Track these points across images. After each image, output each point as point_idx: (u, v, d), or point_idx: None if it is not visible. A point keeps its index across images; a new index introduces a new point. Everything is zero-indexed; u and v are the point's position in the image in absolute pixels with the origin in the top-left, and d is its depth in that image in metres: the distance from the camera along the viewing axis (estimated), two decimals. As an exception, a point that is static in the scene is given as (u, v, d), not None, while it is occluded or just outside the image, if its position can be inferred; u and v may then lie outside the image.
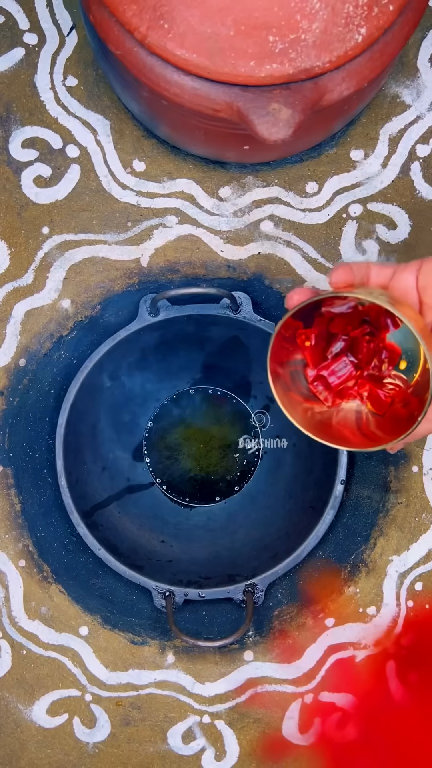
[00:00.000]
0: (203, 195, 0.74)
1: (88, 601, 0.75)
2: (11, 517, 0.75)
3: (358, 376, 0.53)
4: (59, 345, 0.75)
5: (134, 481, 0.82)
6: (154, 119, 0.68)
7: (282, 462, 0.81)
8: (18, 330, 0.74)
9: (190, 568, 0.77)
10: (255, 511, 0.81)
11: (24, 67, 0.74)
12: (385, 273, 0.51)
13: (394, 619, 0.74)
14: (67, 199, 0.74)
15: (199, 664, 0.74)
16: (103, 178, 0.74)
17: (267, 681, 0.74)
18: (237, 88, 0.55)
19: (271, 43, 0.53)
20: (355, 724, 0.73)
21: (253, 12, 0.52)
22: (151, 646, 0.75)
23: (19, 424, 0.75)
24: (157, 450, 0.82)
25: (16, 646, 0.74)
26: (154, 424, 0.83)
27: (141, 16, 0.54)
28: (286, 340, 0.52)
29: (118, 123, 0.74)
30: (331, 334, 0.53)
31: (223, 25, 0.53)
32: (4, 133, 0.74)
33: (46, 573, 0.75)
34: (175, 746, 0.74)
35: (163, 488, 0.82)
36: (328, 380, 0.53)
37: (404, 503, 0.74)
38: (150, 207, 0.74)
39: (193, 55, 0.54)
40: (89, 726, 0.74)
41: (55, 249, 0.74)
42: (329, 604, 0.74)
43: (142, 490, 0.83)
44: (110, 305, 0.75)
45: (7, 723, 0.74)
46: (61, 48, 0.74)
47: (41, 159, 0.74)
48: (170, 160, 0.74)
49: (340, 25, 0.54)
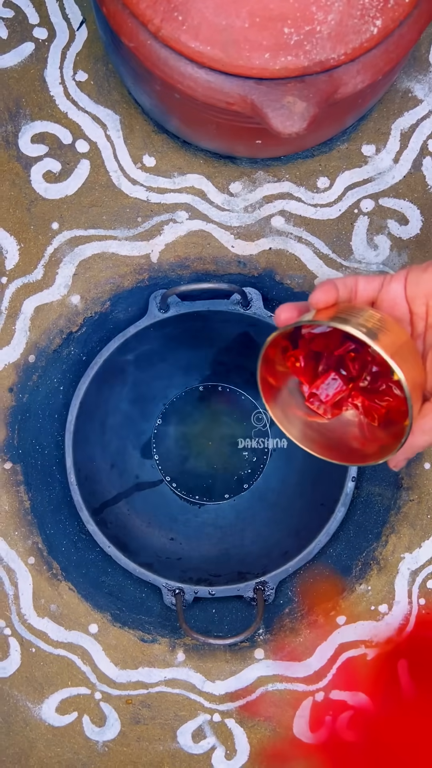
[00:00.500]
0: (214, 190, 0.74)
1: (98, 598, 0.74)
2: (20, 514, 0.74)
3: (351, 389, 0.53)
4: (69, 341, 0.74)
5: (143, 478, 0.82)
6: (165, 113, 0.67)
7: (292, 459, 0.81)
8: (27, 326, 0.74)
9: (200, 566, 0.77)
10: (265, 508, 0.80)
11: (34, 62, 0.73)
12: (373, 286, 0.51)
13: (406, 617, 0.73)
14: (76, 194, 0.74)
15: (209, 662, 0.74)
16: (113, 174, 0.74)
17: (277, 679, 0.74)
18: (251, 81, 0.55)
19: (286, 35, 0.53)
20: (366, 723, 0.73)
21: (268, 3, 0.52)
22: (161, 644, 0.74)
23: (28, 420, 0.74)
24: (166, 447, 0.82)
25: (25, 643, 0.74)
26: (162, 421, 0.82)
27: (155, 8, 0.54)
28: (276, 362, 0.52)
29: (128, 118, 0.73)
30: (318, 352, 0.53)
31: (237, 16, 0.52)
32: (14, 128, 0.73)
33: (56, 570, 0.74)
34: (185, 745, 0.74)
35: (172, 485, 0.82)
36: (320, 397, 0.53)
37: (416, 500, 0.74)
38: (160, 202, 0.74)
39: (207, 48, 0.54)
40: (99, 724, 0.74)
41: (64, 245, 0.73)
42: (340, 602, 0.74)
43: (151, 487, 0.82)
44: (120, 301, 0.74)
45: (17, 721, 0.74)
46: (71, 43, 0.73)
47: (51, 154, 0.73)
48: (181, 155, 0.73)
49: (355, 16, 0.53)
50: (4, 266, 0.73)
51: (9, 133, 0.73)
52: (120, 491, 0.80)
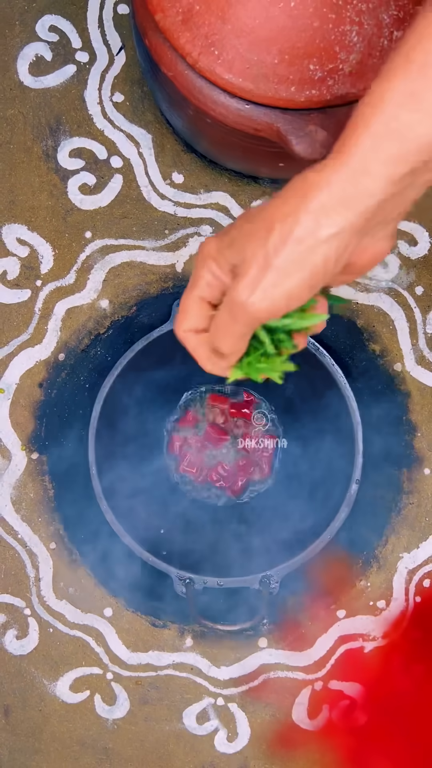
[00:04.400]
0: (237, 207, 0.79)
1: (113, 584, 0.79)
2: (44, 501, 0.79)
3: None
4: (96, 342, 0.80)
5: (159, 473, 0.87)
6: (196, 135, 0.73)
7: (299, 460, 0.85)
8: (59, 326, 0.79)
9: (210, 558, 0.81)
10: (272, 506, 0.85)
11: (75, 83, 0.79)
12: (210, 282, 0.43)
13: (402, 613, 0.78)
14: (109, 206, 0.79)
15: (215, 649, 0.78)
16: (144, 188, 0.79)
17: (279, 668, 0.78)
18: (278, 111, 0.61)
19: (311, 71, 0.58)
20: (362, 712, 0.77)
21: (296, 43, 0.57)
22: (170, 629, 0.79)
23: (55, 414, 0.80)
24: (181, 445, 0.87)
25: (43, 624, 0.78)
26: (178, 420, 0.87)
27: (194, 42, 0.59)
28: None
29: (160, 137, 0.79)
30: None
31: (268, 53, 0.58)
32: (54, 143, 0.79)
33: (75, 556, 0.79)
34: (190, 726, 0.78)
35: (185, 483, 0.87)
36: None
37: (416, 504, 0.78)
38: (186, 216, 0.79)
39: (240, 80, 0.60)
40: (109, 703, 0.79)
41: (96, 252, 0.79)
42: (341, 597, 0.78)
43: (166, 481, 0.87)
44: (145, 307, 0.80)
45: (32, 697, 0.79)
46: (110, 66, 0.79)
47: (87, 168, 0.79)
48: (207, 173, 0.79)
49: (375, 56, 0.59)
50: (39, 270, 0.79)
51: (49, 148, 0.79)
52: (137, 484, 0.85)
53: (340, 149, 0.39)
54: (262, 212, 0.40)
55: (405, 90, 0.37)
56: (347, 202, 0.38)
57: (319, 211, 0.38)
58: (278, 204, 0.40)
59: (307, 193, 0.38)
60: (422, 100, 0.37)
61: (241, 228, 0.41)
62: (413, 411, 0.79)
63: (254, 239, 0.40)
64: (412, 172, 0.38)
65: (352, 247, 0.40)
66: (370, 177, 0.38)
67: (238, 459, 0.84)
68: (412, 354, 0.79)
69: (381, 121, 0.37)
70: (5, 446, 0.79)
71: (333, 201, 0.38)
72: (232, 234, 0.41)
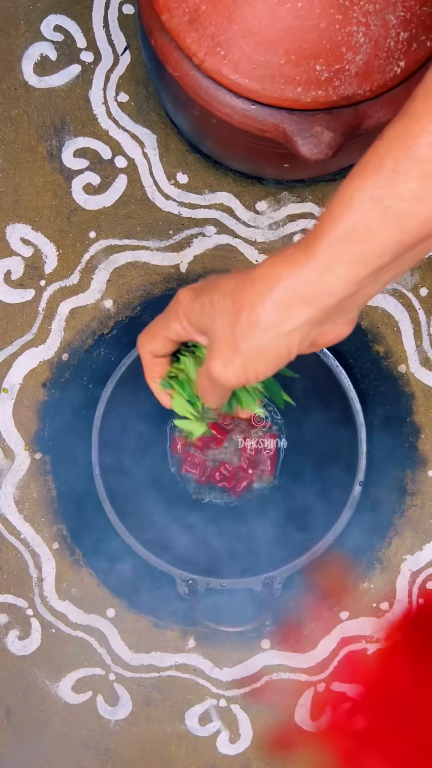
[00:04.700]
0: (241, 208, 0.79)
1: (116, 585, 0.79)
2: (47, 501, 0.79)
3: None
4: (100, 342, 0.80)
5: (161, 473, 0.87)
6: (201, 135, 0.73)
7: (302, 461, 0.85)
8: (62, 326, 0.79)
9: (213, 559, 0.81)
10: (275, 507, 0.85)
11: (79, 83, 0.79)
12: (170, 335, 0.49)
13: (405, 615, 0.78)
14: (113, 206, 0.79)
15: (218, 650, 0.78)
16: (148, 188, 0.79)
17: (281, 669, 0.78)
18: (284, 111, 0.60)
19: (317, 71, 0.58)
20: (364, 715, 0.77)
21: (303, 43, 0.57)
22: (173, 630, 0.79)
23: (58, 415, 0.79)
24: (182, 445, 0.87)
25: (46, 624, 0.78)
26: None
27: (200, 42, 0.59)
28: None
29: (165, 137, 0.79)
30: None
31: (275, 54, 0.58)
32: (58, 142, 0.79)
33: (78, 556, 0.79)
34: (192, 727, 0.78)
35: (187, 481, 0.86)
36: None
37: (419, 505, 0.78)
38: (191, 217, 0.79)
39: (246, 80, 0.59)
40: (112, 704, 0.78)
41: (100, 252, 0.79)
42: (344, 598, 0.78)
43: (169, 482, 0.87)
44: (149, 307, 0.80)
45: (35, 697, 0.78)
46: (114, 66, 0.79)
47: (91, 168, 0.79)
48: (212, 174, 0.79)
49: (381, 57, 0.59)
50: (43, 270, 0.79)
51: (53, 147, 0.79)
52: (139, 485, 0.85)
53: (308, 245, 0.40)
54: (233, 290, 0.43)
55: (373, 195, 0.38)
56: (310, 299, 0.41)
57: (282, 305, 0.41)
58: (247, 287, 0.42)
59: (273, 287, 0.41)
60: (388, 207, 0.38)
61: (212, 296, 0.44)
62: (417, 412, 0.79)
63: (224, 316, 0.43)
64: (375, 272, 0.40)
65: (314, 333, 0.43)
66: (333, 276, 0.40)
67: (241, 459, 0.84)
68: (416, 355, 0.78)
69: (348, 225, 0.39)
70: (9, 446, 0.79)
71: (296, 297, 0.41)
72: (204, 299, 0.45)
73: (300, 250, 0.41)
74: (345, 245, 0.39)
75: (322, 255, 0.40)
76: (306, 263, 0.40)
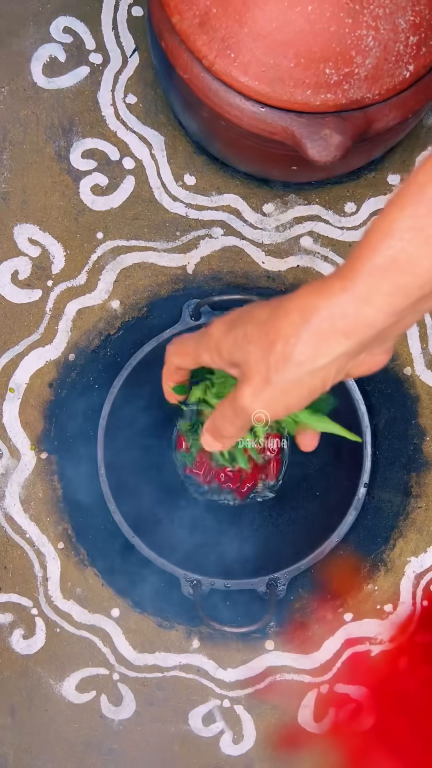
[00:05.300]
0: (248, 210, 0.79)
1: (121, 585, 0.79)
2: (53, 501, 0.79)
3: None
4: (106, 343, 0.80)
5: (166, 474, 0.87)
6: (209, 137, 0.73)
7: (306, 464, 0.86)
8: (69, 327, 0.79)
9: (217, 560, 0.82)
10: (280, 509, 0.85)
11: (88, 84, 0.79)
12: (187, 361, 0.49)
13: (409, 617, 0.78)
14: (121, 207, 0.79)
15: (222, 651, 0.78)
16: (156, 190, 0.79)
17: (285, 670, 0.78)
18: (293, 114, 0.61)
19: (327, 75, 0.59)
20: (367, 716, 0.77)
21: (312, 47, 0.58)
22: (177, 630, 0.79)
23: (64, 415, 0.80)
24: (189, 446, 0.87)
25: (50, 624, 0.78)
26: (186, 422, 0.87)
27: (210, 45, 0.60)
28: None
29: (172, 139, 0.79)
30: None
31: (284, 57, 0.58)
32: (67, 143, 0.79)
33: (83, 556, 0.79)
34: (196, 728, 0.78)
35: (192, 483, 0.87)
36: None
37: (424, 507, 0.78)
38: (198, 218, 0.79)
39: (255, 83, 0.60)
40: (115, 704, 0.79)
41: (107, 253, 0.79)
42: (348, 600, 0.78)
43: (173, 483, 0.87)
44: (156, 308, 0.80)
45: (38, 696, 0.79)
46: (123, 68, 0.79)
47: (99, 169, 0.79)
48: (219, 176, 0.79)
49: (390, 61, 0.59)
50: (50, 270, 0.79)
51: (62, 148, 0.79)
52: (145, 485, 0.85)
53: (346, 274, 0.39)
54: (267, 320, 0.42)
55: (413, 224, 0.37)
56: (347, 331, 0.39)
57: (318, 337, 0.40)
58: (281, 317, 0.41)
59: (309, 318, 0.39)
60: (430, 237, 0.37)
61: (246, 327, 0.43)
62: (422, 415, 0.79)
63: (257, 347, 0.42)
64: (415, 303, 0.39)
65: (350, 365, 0.42)
66: (372, 307, 0.39)
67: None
68: (421, 358, 0.79)
69: (387, 254, 0.38)
70: (15, 446, 0.79)
71: (332, 329, 0.39)
72: (237, 332, 0.43)
73: (336, 280, 0.39)
74: (384, 275, 0.38)
75: (360, 285, 0.38)
76: (343, 294, 0.39)
